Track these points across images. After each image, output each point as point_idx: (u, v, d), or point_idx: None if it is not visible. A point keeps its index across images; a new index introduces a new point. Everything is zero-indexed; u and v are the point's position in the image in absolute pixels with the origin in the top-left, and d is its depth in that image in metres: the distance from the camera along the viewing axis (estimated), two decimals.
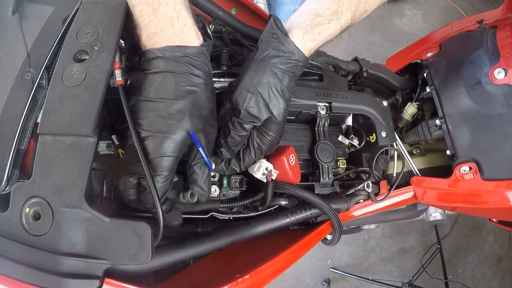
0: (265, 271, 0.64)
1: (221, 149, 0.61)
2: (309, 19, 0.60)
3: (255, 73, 0.58)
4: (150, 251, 0.49)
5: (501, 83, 0.74)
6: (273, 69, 0.58)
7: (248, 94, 0.58)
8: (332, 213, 0.71)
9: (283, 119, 0.61)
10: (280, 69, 0.58)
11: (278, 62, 0.58)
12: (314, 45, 0.61)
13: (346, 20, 0.62)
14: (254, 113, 0.58)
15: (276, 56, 0.58)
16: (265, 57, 0.59)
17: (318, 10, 0.60)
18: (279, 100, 0.59)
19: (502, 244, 2.37)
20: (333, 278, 2.11)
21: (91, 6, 0.61)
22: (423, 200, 0.85)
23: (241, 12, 0.89)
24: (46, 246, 0.48)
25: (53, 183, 0.49)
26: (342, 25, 0.62)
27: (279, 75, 0.58)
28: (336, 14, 0.60)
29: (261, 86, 0.58)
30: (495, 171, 0.74)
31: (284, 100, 0.60)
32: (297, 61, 0.59)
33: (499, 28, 0.81)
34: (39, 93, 0.57)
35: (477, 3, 3.25)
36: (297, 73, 0.61)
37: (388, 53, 1.17)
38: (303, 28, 0.59)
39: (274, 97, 0.59)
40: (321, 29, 0.60)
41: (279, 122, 0.61)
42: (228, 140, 0.60)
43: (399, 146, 0.88)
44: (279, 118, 0.60)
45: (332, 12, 0.60)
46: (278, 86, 0.59)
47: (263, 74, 0.58)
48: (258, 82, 0.58)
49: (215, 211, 0.68)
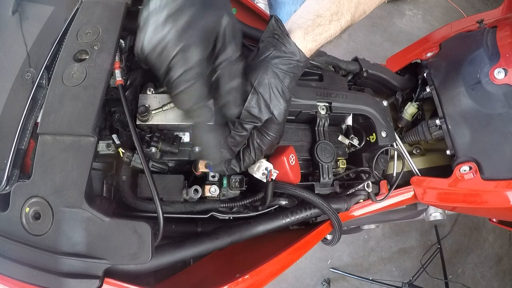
0: (265, 271, 0.64)
1: (221, 149, 0.61)
2: (310, 20, 0.60)
3: (256, 73, 0.58)
4: (150, 251, 0.49)
5: (501, 83, 0.74)
6: (274, 70, 0.58)
7: (249, 95, 0.58)
8: (332, 213, 0.71)
9: (284, 119, 0.61)
10: (281, 69, 0.58)
11: (279, 63, 0.58)
12: (315, 46, 0.61)
13: (346, 21, 0.62)
14: (255, 113, 0.58)
15: (277, 56, 0.58)
16: (266, 57, 0.59)
17: (318, 11, 0.60)
18: (280, 101, 0.59)
19: (502, 244, 2.37)
20: (333, 278, 2.11)
21: (91, 6, 0.61)
22: (423, 200, 0.85)
23: (241, 12, 0.89)
24: (46, 246, 0.48)
25: (53, 183, 0.49)
26: (342, 26, 0.62)
27: (280, 75, 0.58)
28: (337, 15, 0.61)
29: (262, 86, 0.58)
30: (495, 171, 0.74)
31: (284, 101, 0.60)
32: (298, 61, 0.59)
33: (499, 28, 0.81)
34: (39, 93, 0.57)
35: (477, 3, 3.25)
36: (298, 73, 0.61)
37: (388, 53, 1.17)
38: (304, 29, 0.59)
39: (275, 98, 0.59)
40: (322, 30, 0.60)
41: (280, 123, 0.61)
42: (228, 140, 0.60)
43: (399, 146, 0.88)
44: (280, 118, 0.60)
45: (332, 13, 0.60)
46: (279, 86, 0.59)
47: (264, 75, 0.58)
48: (259, 83, 0.58)
49: (215, 211, 0.68)
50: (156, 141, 0.61)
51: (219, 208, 0.68)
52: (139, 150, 0.54)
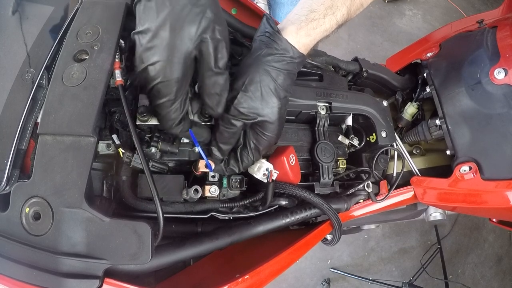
0: (265, 271, 0.64)
1: (211, 147, 0.62)
2: (304, 15, 0.59)
3: (247, 71, 0.58)
4: (150, 251, 0.49)
5: (501, 83, 0.74)
6: (266, 68, 0.57)
7: (239, 93, 0.58)
8: (332, 213, 0.71)
9: (278, 118, 0.60)
10: (274, 67, 0.58)
11: (272, 60, 0.58)
12: (310, 41, 0.60)
13: (342, 15, 0.61)
14: (243, 111, 0.58)
15: (270, 54, 0.58)
16: (258, 56, 0.58)
17: (312, 6, 0.60)
18: (272, 99, 0.58)
19: (502, 244, 2.37)
20: (333, 278, 2.11)
21: (91, 6, 0.61)
22: (423, 200, 0.85)
23: (241, 12, 0.89)
24: (46, 246, 0.48)
25: (53, 183, 0.49)
26: (338, 20, 0.61)
27: (272, 73, 0.58)
28: (331, 9, 0.60)
29: (253, 84, 0.57)
30: (495, 171, 0.74)
31: (278, 99, 0.59)
32: (292, 58, 0.58)
33: (499, 28, 0.81)
34: (39, 93, 0.57)
35: (477, 3, 3.25)
36: (292, 70, 0.60)
37: (388, 53, 1.17)
38: (297, 24, 0.59)
39: (267, 95, 0.58)
40: (316, 24, 0.59)
41: (273, 121, 0.60)
42: (216, 136, 0.60)
43: (399, 146, 0.88)
44: (273, 117, 0.59)
45: (327, 7, 0.60)
46: (271, 84, 0.58)
47: (255, 73, 0.57)
48: (250, 81, 0.57)
49: (215, 211, 0.68)
50: (156, 141, 0.61)
51: (219, 208, 0.68)
52: (139, 150, 0.54)
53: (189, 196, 0.64)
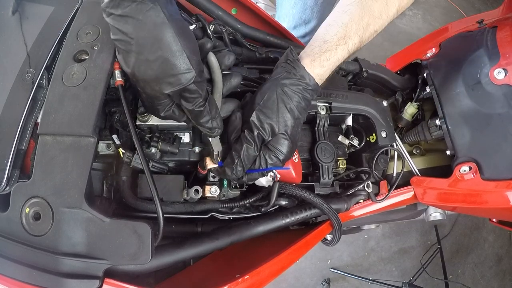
0: (265, 271, 0.64)
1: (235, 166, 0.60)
2: (317, 47, 0.64)
3: (266, 90, 0.62)
4: (150, 251, 0.49)
5: (501, 83, 0.74)
6: (283, 88, 0.62)
7: (257, 107, 0.61)
8: (332, 213, 0.71)
9: (292, 135, 0.62)
10: (290, 89, 0.62)
11: (289, 83, 0.62)
12: (323, 71, 0.64)
13: (353, 44, 0.64)
14: (259, 125, 0.60)
15: (288, 78, 0.62)
16: (277, 78, 0.63)
17: (325, 37, 0.63)
18: (286, 115, 0.61)
19: (502, 244, 2.37)
20: (333, 278, 2.11)
21: (91, 6, 0.61)
22: (423, 200, 0.85)
23: (241, 12, 0.89)
24: (46, 246, 0.48)
25: (53, 183, 0.49)
26: (350, 49, 0.64)
27: (288, 93, 0.62)
28: (344, 39, 0.63)
29: (270, 101, 0.61)
30: (495, 171, 0.74)
31: (292, 116, 0.61)
32: (307, 84, 0.62)
33: (499, 28, 0.81)
34: (39, 93, 0.57)
35: (477, 3, 3.25)
36: (307, 96, 0.63)
37: (388, 53, 1.17)
38: (311, 56, 0.63)
39: (282, 112, 0.61)
40: (329, 55, 0.63)
41: (288, 137, 0.61)
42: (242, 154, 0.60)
43: (399, 146, 0.88)
44: (287, 132, 0.61)
45: (339, 37, 0.63)
46: (287, 103, 0.61)
47: (273, 92, 0.62)
48: (268, 98, 0.61)
49: (215, 211, 0.68)
50: (156, 141, 0.62)
51: (219, 209, 0.68)
52: (139, 150, 0.54)
53: (189, 196, 0.64)
